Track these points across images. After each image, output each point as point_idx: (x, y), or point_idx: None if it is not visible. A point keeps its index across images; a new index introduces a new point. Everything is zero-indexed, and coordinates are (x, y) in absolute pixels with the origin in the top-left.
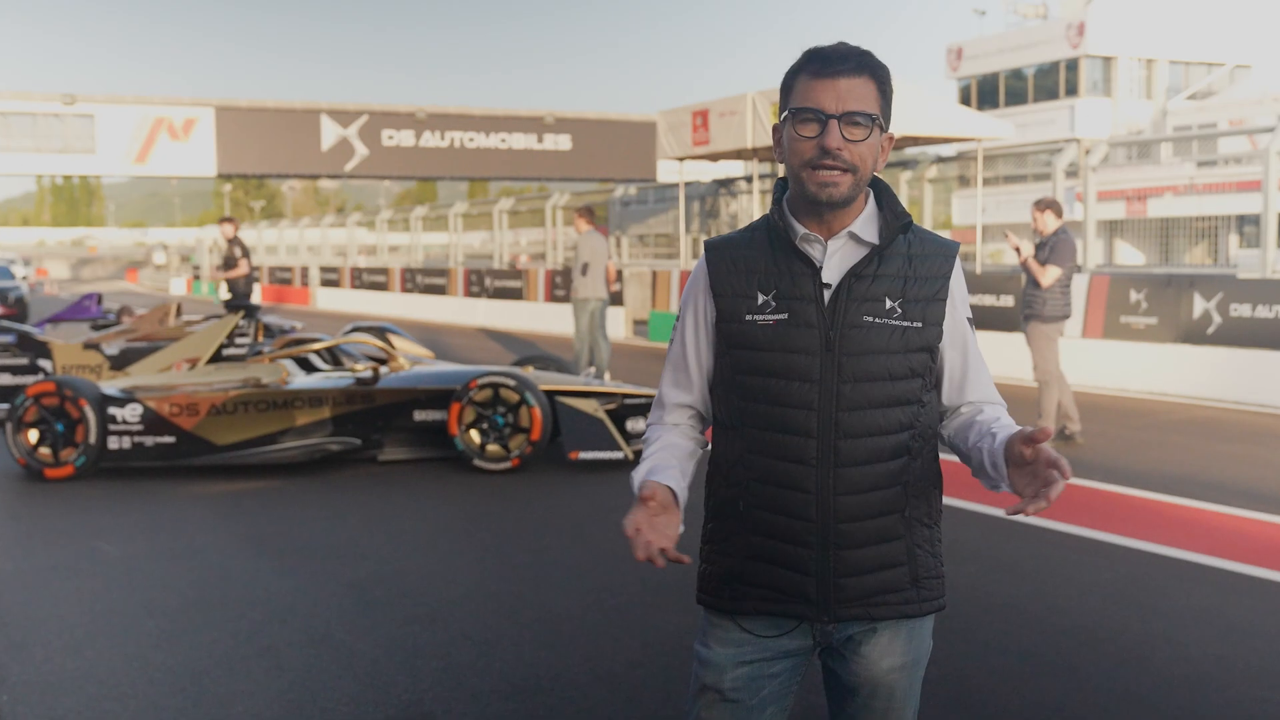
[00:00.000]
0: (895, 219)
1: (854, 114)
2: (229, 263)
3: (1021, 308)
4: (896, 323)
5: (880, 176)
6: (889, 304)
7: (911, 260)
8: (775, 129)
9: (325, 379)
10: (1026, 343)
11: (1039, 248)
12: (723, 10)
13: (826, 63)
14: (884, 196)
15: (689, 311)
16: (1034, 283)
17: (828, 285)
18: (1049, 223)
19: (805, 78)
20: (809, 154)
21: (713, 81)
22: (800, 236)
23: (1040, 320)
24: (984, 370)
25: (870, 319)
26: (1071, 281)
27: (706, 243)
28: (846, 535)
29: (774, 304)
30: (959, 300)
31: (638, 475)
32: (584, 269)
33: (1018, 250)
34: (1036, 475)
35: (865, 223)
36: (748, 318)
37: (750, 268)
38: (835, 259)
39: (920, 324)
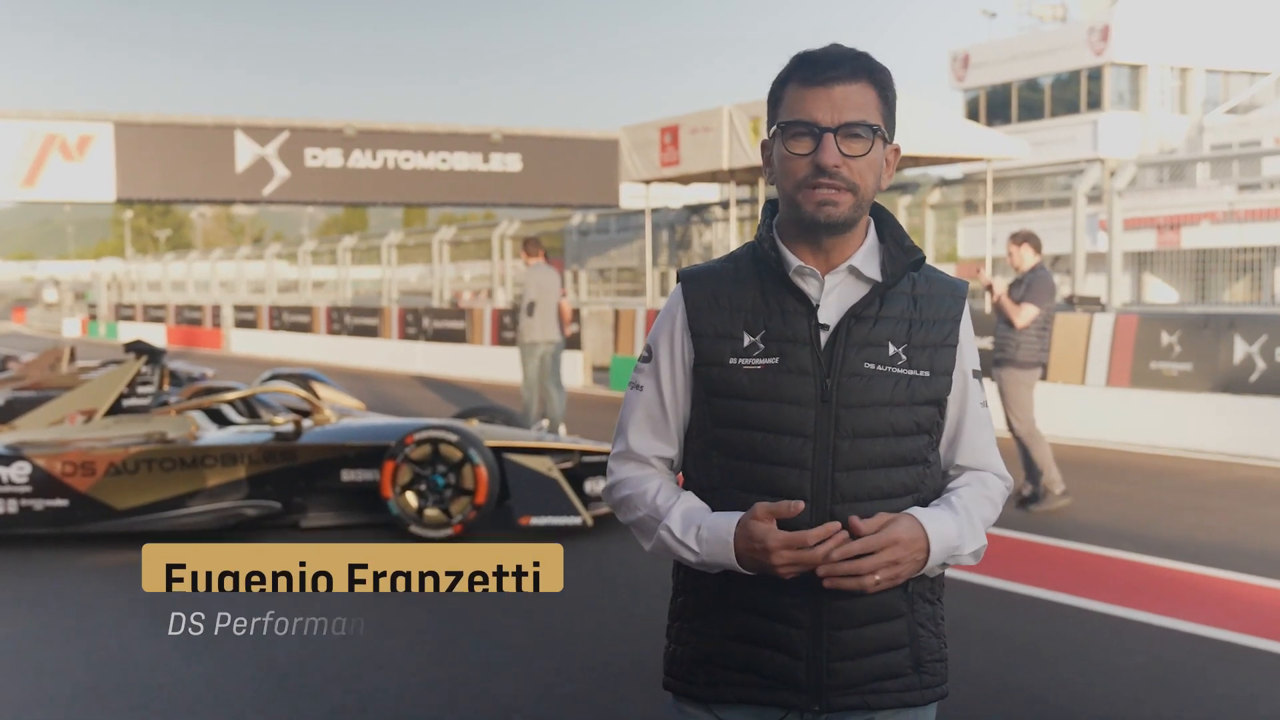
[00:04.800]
0: (903, 254)
1: (852, 125)
2: None
3: (993, 351)
4: (901, 371)
5: (880, 204)
6: (893, 350)
7: (917, 301)
8: (764, 145)
9: (240, 433)
10: (999, 391)
11: (1014, 285)
12: (696, 12)
13: (818, 68)
14: (886, 227)
15: (662, 351)
16: (1007, 324)
17: (824, 326)
18: (1026, 258)
19: (795, 86)
20: (803, 173)
21: (684, 93)
22: (794, 269)
23: (1014, 365)
24: (985, 431)
25: (872, 366)
26: (1051, 323)
27: (682, 273)
28: (843, 613)
29: (762, 346)
30: (966, 349)
31: (674, 519)
32: (530, 308)
33: (990, 288)
34: None
35: (866, 256)
36: (731, 362)
37: (735, 304)
38: (833, 296)
39: (928, 373)
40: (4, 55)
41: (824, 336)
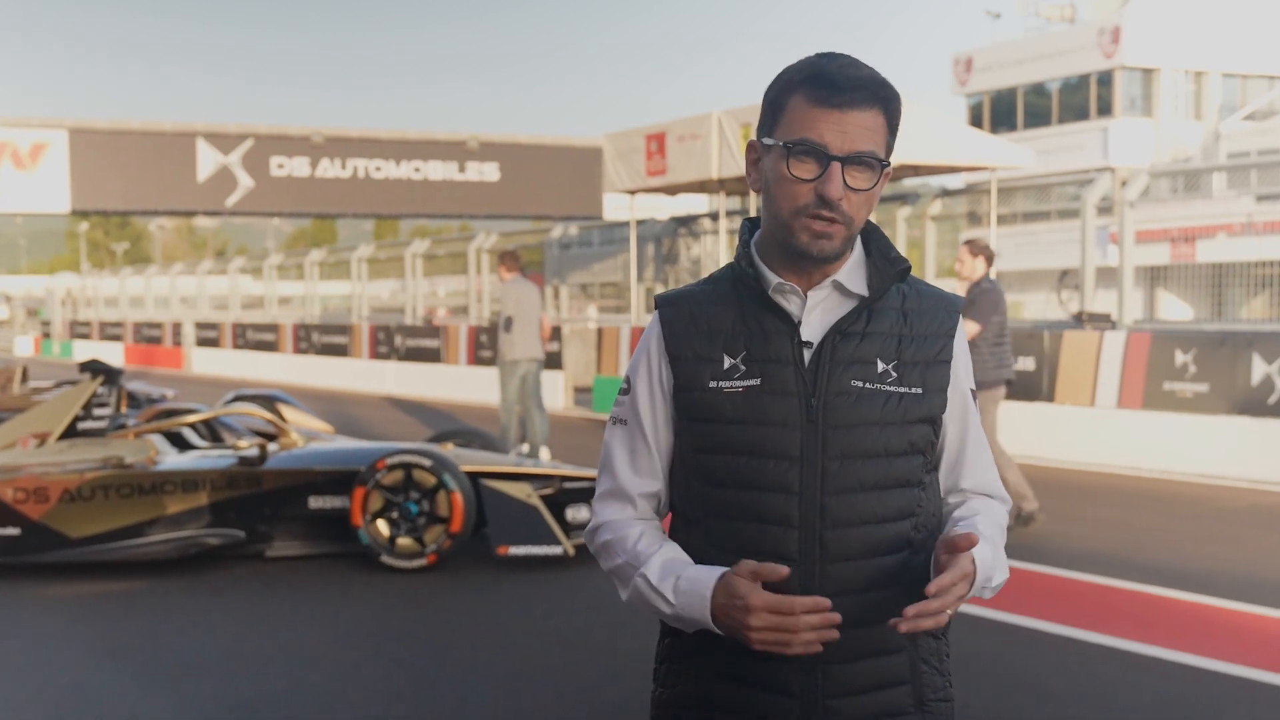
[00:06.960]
0: (889, 265)
1: (862, 156)
2: None
3: None
4: (892, 388)
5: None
6: (881, 366)
7: (907, 316)
8: (751, 147)
9: (202, 458)
10: None
11: None
12: (685, 11)
13: (835, 88)
14: (873, 240)
15: (640, 381)
16: None
17: (808, 344)
18: (977, 269)
19: (805, 101)
20: (803, 200)
21: (671, 98)
22: (774, 286)
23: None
24: (985, 453)
25: (860, 384)
26: (1005, 338)
27: (659, 298)
28: (838, 646)
29: (743, 368)
30: (961, 366)
31: (652, 567)
32: (508, 324)
33: None
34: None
35: (852, 271)
36: (711, 385)
37: (714, 325)
38: (816, 313)
39: (920, 390)
40: None
41: (807, 355)
